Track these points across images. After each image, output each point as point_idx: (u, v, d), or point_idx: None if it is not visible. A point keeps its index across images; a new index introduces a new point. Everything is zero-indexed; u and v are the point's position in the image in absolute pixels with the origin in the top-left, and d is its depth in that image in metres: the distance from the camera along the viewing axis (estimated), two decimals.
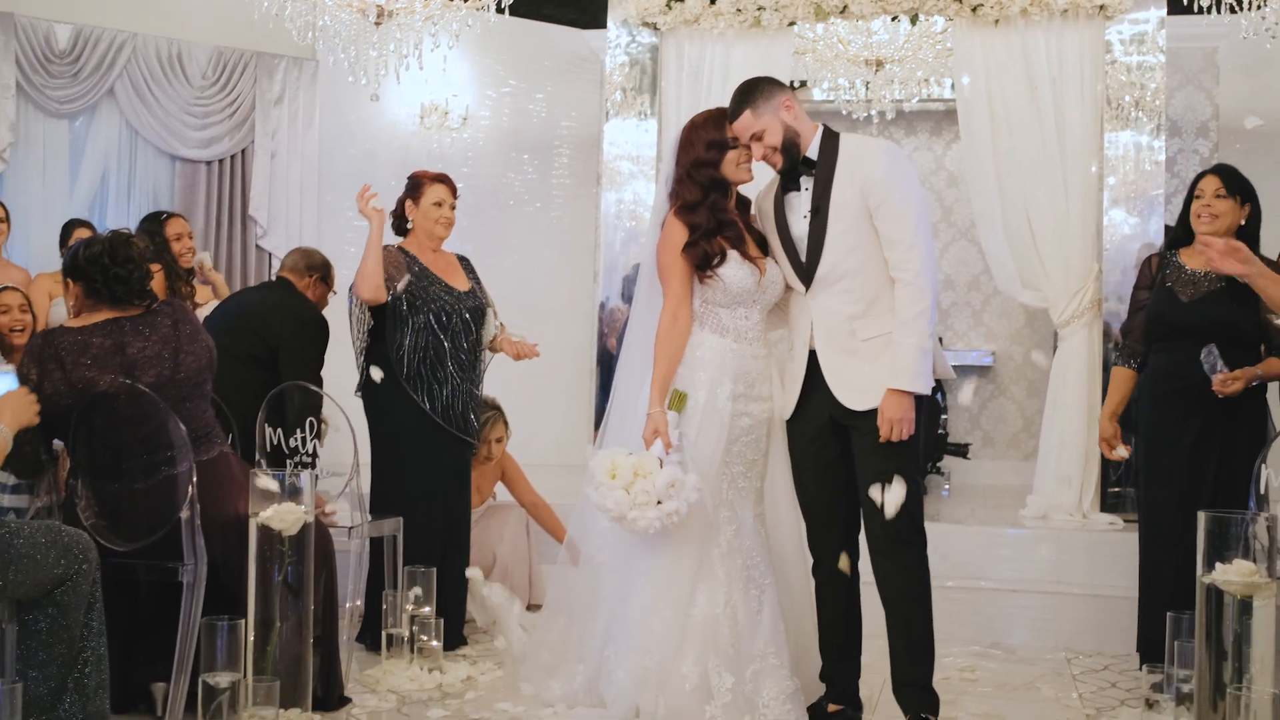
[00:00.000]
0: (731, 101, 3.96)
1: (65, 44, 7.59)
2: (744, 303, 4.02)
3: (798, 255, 3.94)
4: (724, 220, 3.98)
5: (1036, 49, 6.38)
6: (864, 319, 3.87)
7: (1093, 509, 6.22)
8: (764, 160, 3.91)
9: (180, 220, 6.32)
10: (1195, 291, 4.65)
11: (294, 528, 3.69)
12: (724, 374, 4.00)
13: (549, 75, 9.09)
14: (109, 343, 3.81)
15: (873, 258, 3.85)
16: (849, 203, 3.83)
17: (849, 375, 3.89)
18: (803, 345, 3.98)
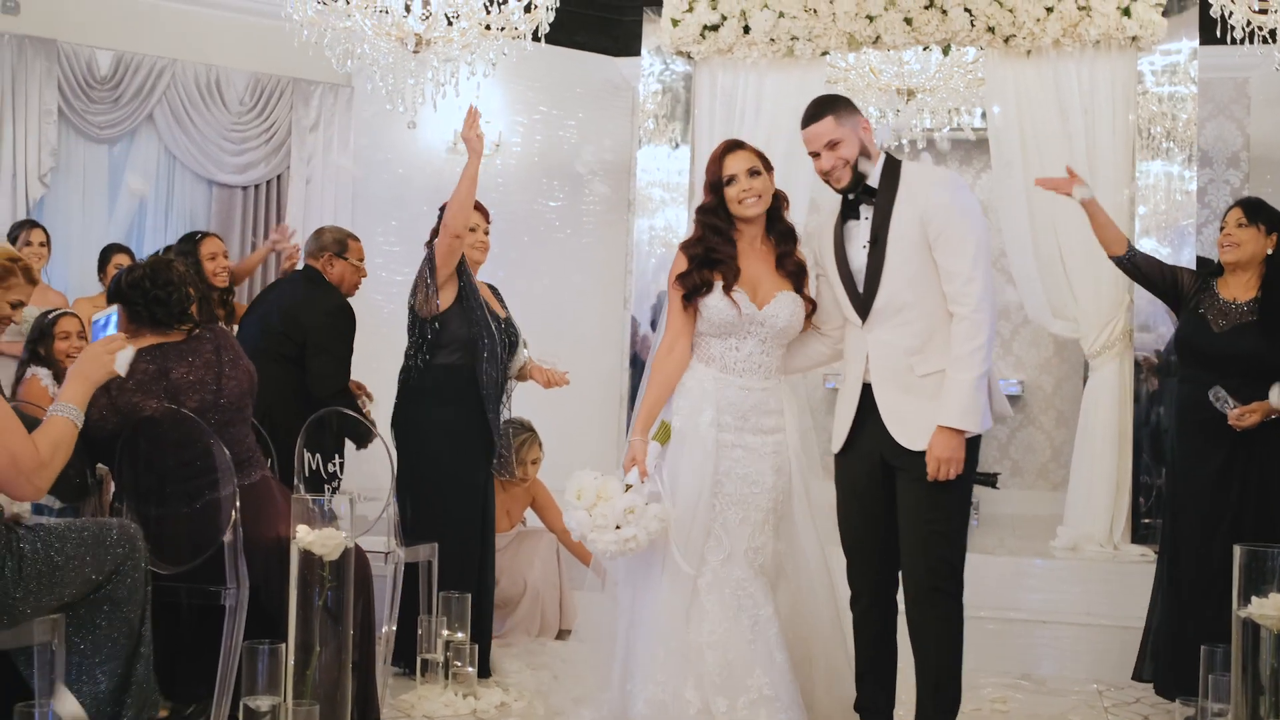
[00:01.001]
0: (811, 107, 3.94)
1: (106, 70, 7.69)
2: (732, 333, 3.99)
3: (855, 286, 3.90)
4: (718, 256, 3.98)
5: (1068, 79, 6.41)
6: (922, 354, 3.82)
7: (1124, 540, 6.22)
8: (829, 172, 3.87)
9: (215, 240, 6.35)
10: (1227, 322, 4.68)
11: (335, 553, 3.72)
12: (704, 402, 3.98)
13: (580, 102, 9.15)
14: (153, 368, 3.87)
15: (932, 290, 3.81)
16: (908, 233, 3.80)
17: (905, 412, 3.82)
18: (856, 379, 3.93)
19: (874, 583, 3.99)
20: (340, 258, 5.58)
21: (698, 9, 6.68)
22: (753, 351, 4.00)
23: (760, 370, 4.02)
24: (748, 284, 4.00)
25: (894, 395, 3.83)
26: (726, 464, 3.97)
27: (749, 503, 3.98)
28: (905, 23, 6.41)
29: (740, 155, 4.04)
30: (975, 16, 6.33)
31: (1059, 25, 6.27)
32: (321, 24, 5.98)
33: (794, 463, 4.05)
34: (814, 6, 6.51)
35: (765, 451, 4.00)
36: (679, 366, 4.05)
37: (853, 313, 3.93)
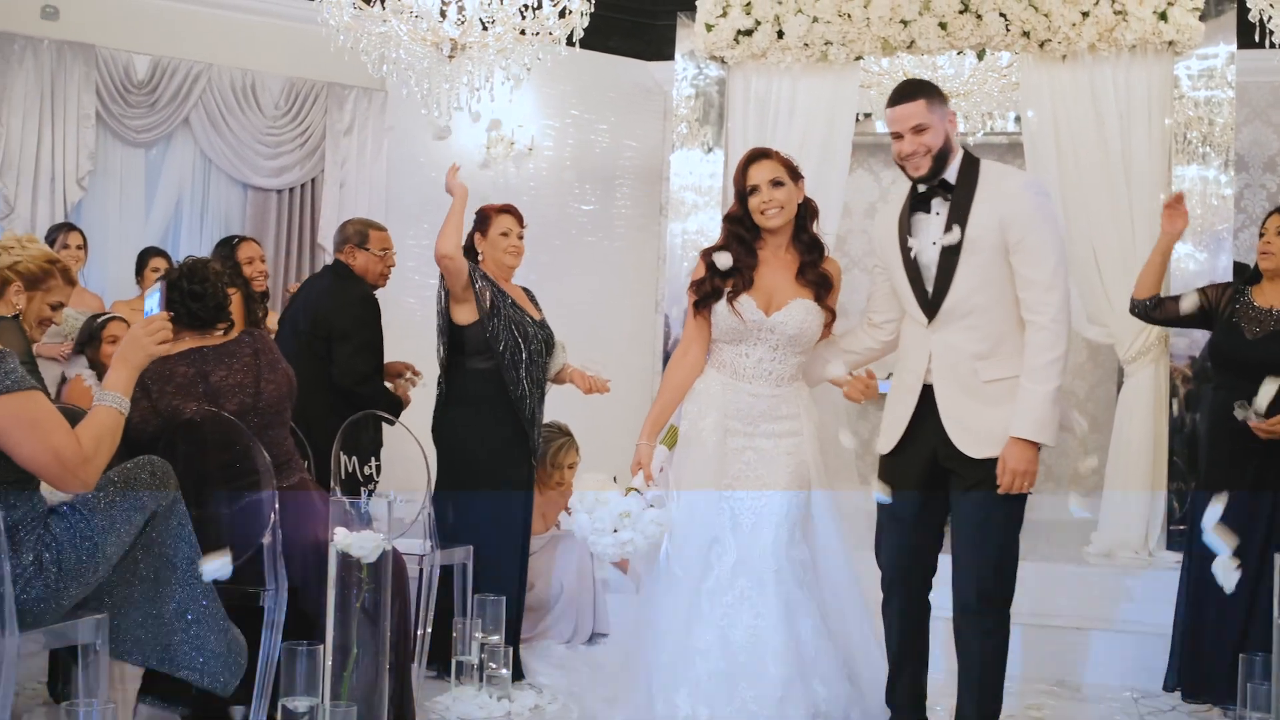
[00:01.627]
0: (904, 87, 3.82)
1: (144, 74, 7.76)
2: (742, 340, 3.98)
3: (922, 283, 3.79)
4: (736, 264, 3.98)
5: (1104, 84, 6.37)
6: (989, 360, 3.71)
7: (1159, 547, 6.19)
8: (908, 157, 3.73)
9: (252, 244, 6.39)
10: (1261, 329, 4.66)
11: (372, 555, 3.74)
12: (709, 406, 3.97)
13: (612, 106, 9.18)
14: (192, 371, 3.91)
15: (1005, 295, 3.70)
16: (986, 235, 3.67)
17: (968, 419, 3.71)
18: (916, 378, 3.82)
19: (912, 584, 3.94)
20: (362, 248, 5.58)
21: (731, 14, 6.68)
22: (763, 358, 3.98)
23: (771, 377, 3.99)
24: (762, 292, 3.98)
25: (956, 399, 3.72)
26: (737, 467, 3.95)
27: (761, 507, 3.93)
28: (940, 28, 6.39)
29: (764, 165, 4.02)
30: (1010, 21, 6.31)
31: (1094, 30, 6.24)
32: (357, 29, 6.02)
33: (814, 469, 4.00)
34: (848, 11, 6.50)
35: (779, 454, 3.97)
36: (690, 372, 4.07)
37: (917, 310, 3.81)
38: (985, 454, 3.67)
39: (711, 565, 3.91)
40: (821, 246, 4.09)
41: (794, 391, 4.03)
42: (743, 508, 3.93)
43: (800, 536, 3.98)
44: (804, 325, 3.97)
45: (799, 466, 3.97)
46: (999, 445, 3.64)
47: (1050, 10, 6.26)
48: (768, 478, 3.94)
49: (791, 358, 4.01)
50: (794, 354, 4.01)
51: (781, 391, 4.00)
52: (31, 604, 3.01)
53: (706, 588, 3.89)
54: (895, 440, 3.88)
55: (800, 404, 4.02)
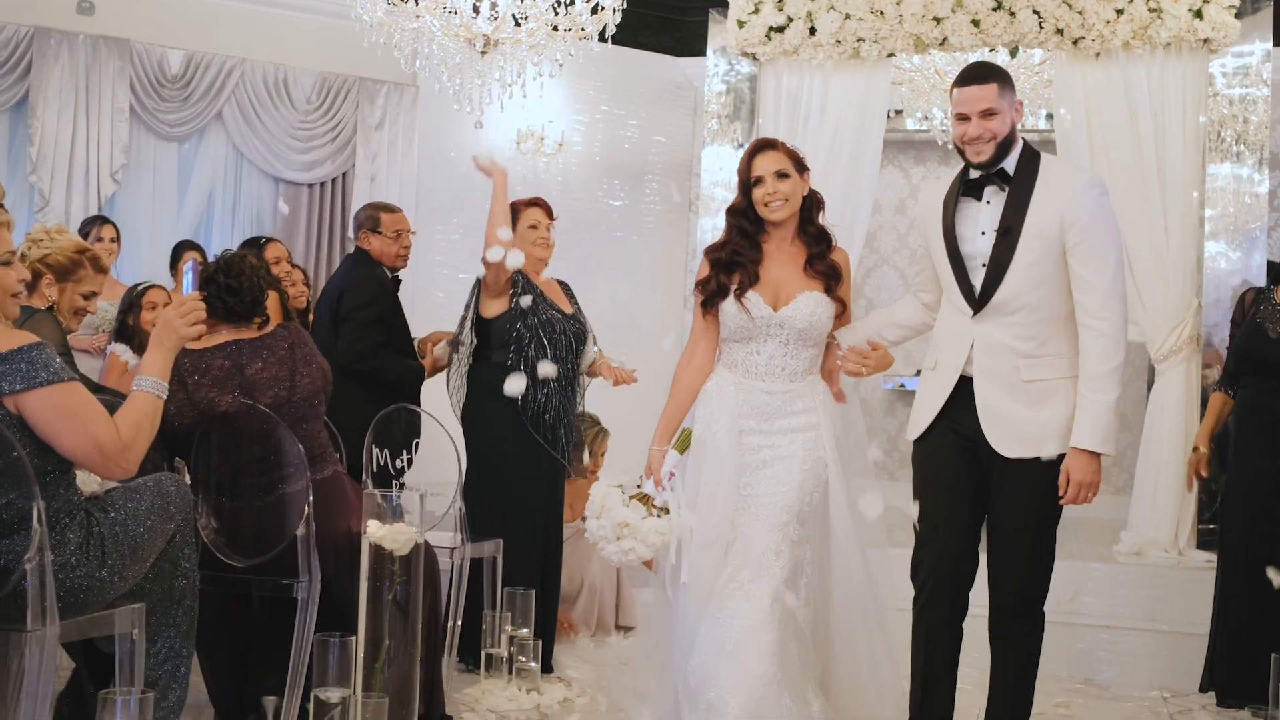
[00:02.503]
0: (976, 69, 3.73)
1: (177, 69, 7.82)
2: (752, 338, 3.87)
3: (966, 273, 3.69)
4: (740, 259, 3.88)
5: (1138, 81, 6.35)
6: (1032, 359, 3.60)
7: (1189, 546, 6.16)
8: (972, 140, 3.60)
9: (277, 245, 6.42)
10: None
11: (405, 548, 3.77)
12: (722, 408, 3.87)
13: (642, 102, 9.19)
14: (228, 364, 3.94)
15: (1056, 295, 3.59)
16: (1045, 232, 3.55)
17: (1006, 417, 3.62)
18: (954, 369, 3.70)
19: (954, 578, 3.77)
20: (375, 232, 5.60)
21: (764, 10, 6.68)
22: (774, 354, 3.87)
23: (784, 373, 3.88)
24: (769, 286, 3.87)
25: (995, 395, 3.62)
26: (754, 465, 3.84)
27: (774, 503, 3.81)
28: (973, 24, 6.38)
29: (769, 156, 3.90)
30: (1044, 19, 6.29)
31: (1129, 27, 6.21)
32: (390, 25, 6.05)
33: (831, 465, 3.86)
34: (880, 8, 6.49)
35: (794, 450, 3.84)
36: (699, 374, 3.99)
37: (961, 299, 3.70)
38: (1017, 454, 3.60)
39: (729, 562, 3.79)
40: (829, 237, 3.97)
41: (808, 385, 3.91)
42: (757, 502, 3.82)
43: (808, 535, 3.83)
44: (813, 318, 3.86)
45: (815, 463, 3.85)
46: (1032, 447, 3.58)
47: (1084, 8, 6.24)
48: (783, 474, 3.83)
49: (804, 351, 3.89)
50: (805, 347, 3.89)
51: (796, 387, 3.88)
52: (75, 592, 3.04)
53: (718, 585, 3.76)
54: (926, 425, 3.78)
55: (816, 397, 3.90)
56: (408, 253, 5.63)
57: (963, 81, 3.67)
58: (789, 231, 3.93)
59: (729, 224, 3.96)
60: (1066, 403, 3.57)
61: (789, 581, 3.74)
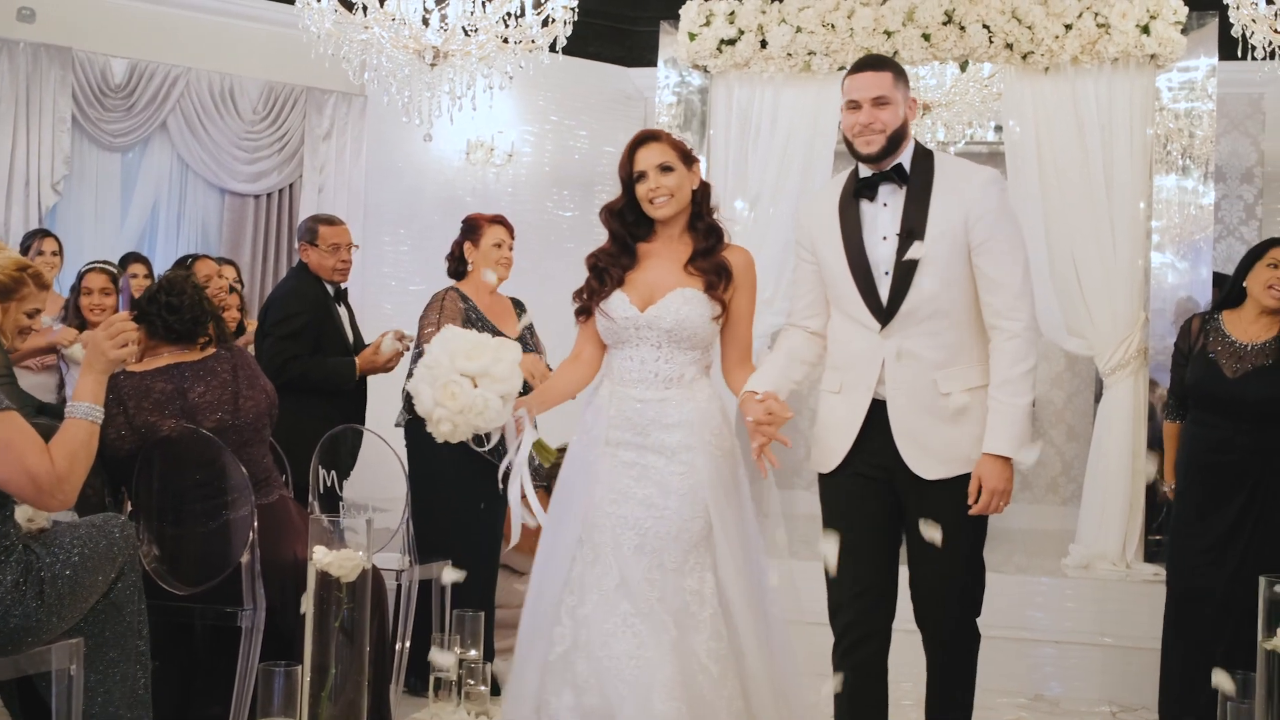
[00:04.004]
0: (871, 58, 3.57)
1: (121, 78, 7.70)
2: (625, 342, 3.58)
3: (873, 283, 3.43)
4: (604, 264, 3.63)
5: (1086, 96, 6.36)
6: (948, 370, 3.39)
7: (1136, 558, 6.18)
8: (862, 128, 3.39)
9: (207, 261, 6.34)
10: (1241, 366, 4.61)
11: (352, 574, 3.71)
12: (599, 418, 3.60)
13: (593, 112, 9.15)
14: (170, 387, 3.87)
15: (966, 298, 3.40)
16: (950, 231, 3.36)
17: (924, 437, 3.39)
18: (864, 391, 3.44)
19: (876, 616, 3.53)
20: (311, 245, 5.51)
21: (715, 23, 6.65)
22: (645, 359, 3.56)
23: (658, 379, 3.56)
24: (643, 287, 3.58)
25: (912, 416, 3.39)
26: (624, 483, 3.52)
27: (646, 529, 3.46)
28: (923, 39, 6.38)
29: (652, 149, 3.61)
30: (994, 33, 6.30)
31: (1078, 43, 6.23)
32: (338, 36, 5.97)
33: (709, 491, 3.50)
34: (831, 22, 6.48)
35: (670, 474, 3.50)
36: (583, 369, 3.72)
37: (866, 313, 3.44)
38: (938, 475, 3.38)
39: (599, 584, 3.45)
40: (720, 233, 3.65)
41: (686, 394, 3.57)
42: (626, 527, 3.47)
43: (694, 564, 3.47)
44: (681, 316, 3.53)
45: (693, 488, 3.49)
46: (957, 466, 3.37)
47: (1033, 23, 6.26)
48: (657, 498, 3.49)
49: (679, 355, 3.56)
50: (681, 351, 3.56)
51: (671, 394, 3.55)
52: (12, 632, 2.96)
53: (585, 613, 3.44)
54: (841, 459, 3.50)
55: (695, 408, 3.55)
56: (347, 267, 5.52)
57: (856, 68, 3.50)
58: (677, 228, 3.65)
59: (605, 224, 3.71)
60: (982, 415, 3.38)
61: (678, 613, 3.41)
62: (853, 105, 3.43)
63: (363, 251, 8.16)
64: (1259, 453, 4.56)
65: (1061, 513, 8.52)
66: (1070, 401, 9.10)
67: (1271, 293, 4.60)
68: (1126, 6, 6.19)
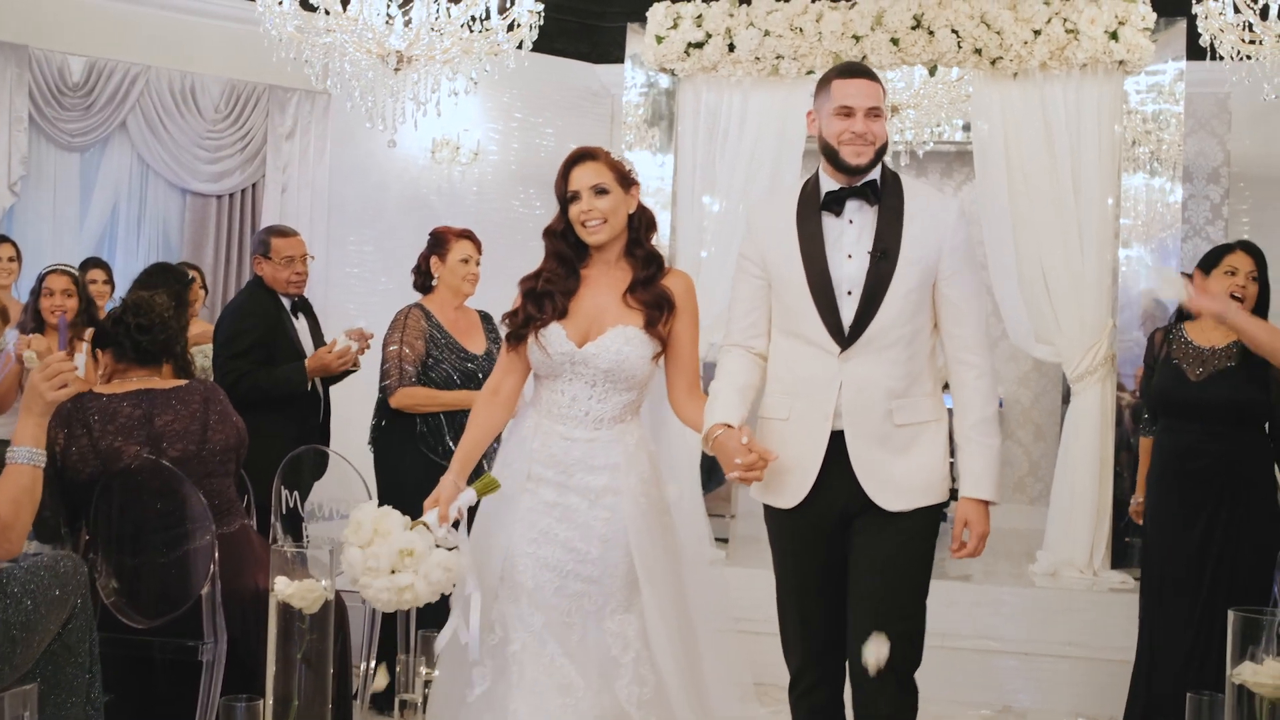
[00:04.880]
0: (860, 66, 3.36)
1: (79, 76, 7.57)
2: (557, 375, 3.39)
3: (834, 301, 3.24)
4: (551, 288, 3.40)
5: (1054, 100, 6.35)
6: (904, 399, 3.25)
7: (1104, 565, 6.21)
8: (855, 137, 3.19)
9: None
10: (1204, 370, 4.60)
11: (314, 606, 3.65)
12: (519, 452, 3.42)
13: (559, 109, 9.09)
14: (138, 412, 3.81)
15: (927, 327, 3.29)
16: (924, 257, 3.24)
17: (881, 468, 3.24)
18: (822, 418, 3.25)
19: (829, 662, 3.40)
20: (265, 258, 5.41)
21: (682, 26, 6.60)
22: (578, 396, 3.38)
23: (589, 419, 3.39)
24: (581, 319, 3.39)
25: (868, 446, 3.24)
26: (545, 523, 3.36)
27: (567, 571, 3.33)
28: (892, 43, 6.35)
29: (587, 168, 3.42)
30: (962, 38, 6.27)
31: (1046, 48, 6.22)
32: (301, 40, 5.88)
33: (633, 537, 3.35)
34: (799, 25, 6.44)
35: (592, 519, 3.35)
36: (499, 410, 3.52)
37: (824, 335, 3.25)
38: (898, 507, 3.23)
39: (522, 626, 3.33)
40: (659, 260, 3.45)
41: (616, 436, 3.40)
42: (547, 569, 3.33)
43: (615, 608, 3.35)
44: (621, 357, 3.36)
45: (616, 533, 3.35)
46: (915, 497, 3.25)
47: (1002, 28, 6.23)
48: (578, 541, 3.34)
49: (614, 395, 3.39)
50: (617, 391, 3.39)
51: (601, 435, 3.39)
52: None
53: (513, 651, 3.33)
54: (801, 497, 3.28)
55: (623, 451, 3.39)
56: (302, 279, 5.40)
57: (850, 73, 3.27)
58: (613, 254, 3.44)
59: (546, 248, 3.48)
60: (933, 447, 3.29)
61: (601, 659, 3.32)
62: (845, 112, 3.21)
63: (327, 251, 8.11)
64: (1227, 458, 4.55)
65: (1029, 512, 8.54)
66: (1037, 401, 9.12)
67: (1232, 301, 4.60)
68: (1095, 12, 6.18)
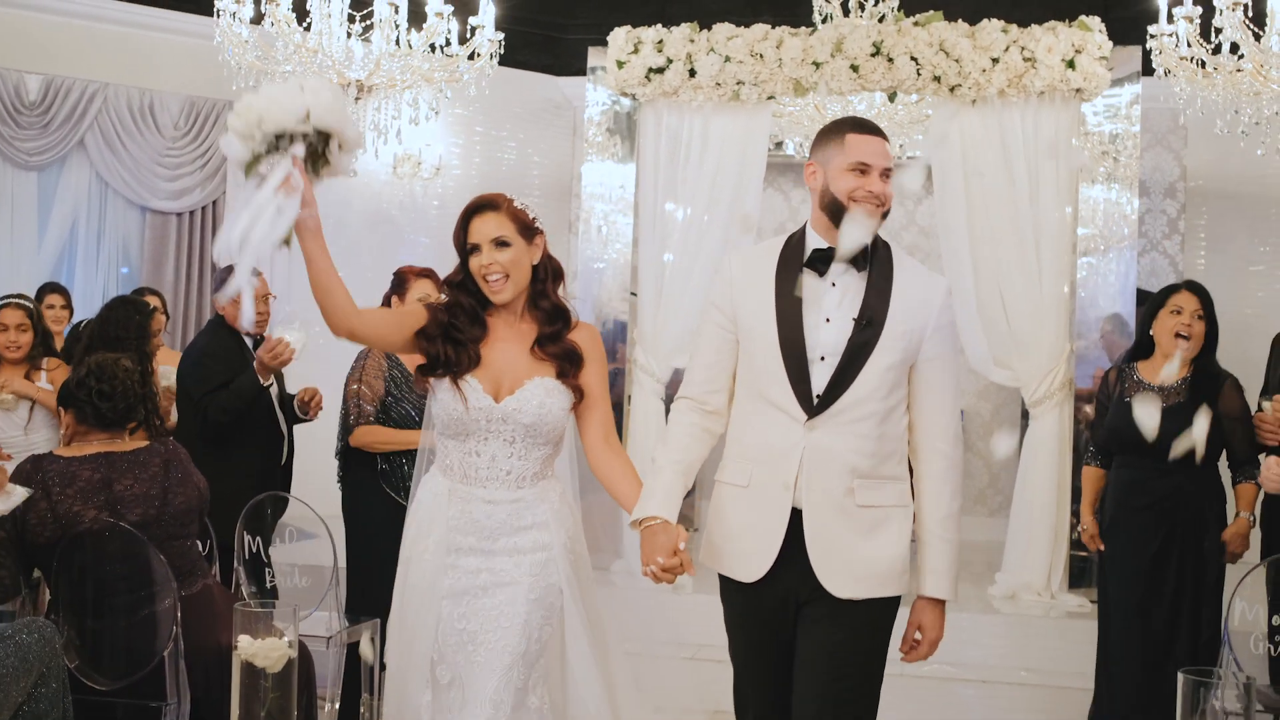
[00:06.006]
0: (872, 124, 3.15)
1: (35, 94, 7.52)
2: (469, 434, 3.18)
3: (805, 367, 3.04)
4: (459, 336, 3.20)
5: (1013, 125, 6.41)
6: (868, 481, 3.03)
7: (1061, 588, 6.30)
8: (865, 199, 3.03)
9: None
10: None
11: (278, 665, 3.66)
12: (433, 522, 3.20)
13: (521, 121, 9.08)
14: (97, 476, 3.80)
15: (901, 406, 3.09)
16: (911, 333, 3.05)
17: (838, 549, 3.01)
18: (781, 489, 3.03)
19: None
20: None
21: (644, 51, 6.61)
22: (497, 455, 3.18)
23: (510, 478, 3.19)
24: (491, 371, 3.20)
25: (826, 522, 3.01)
26: (470, 594, 3.16)
27: (495, 641, 3.14)
28: (852, 70, 6.38)
29: (488, 219, 3.20)
30: (921, 66, 6.32)
31: (1004, 76, 6.27)
32: (260, 69, 5.86)
33: (567, 592, 3.19)
34: (760, 52, 6.46)
35: (520, 575, 3.16)
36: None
37: (791, 401, 3.03)
38: (850, 594, 3.00)
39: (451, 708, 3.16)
40: (566, 314, 3.28)
41: (539, 494, 3.22)
42: (475, 644, 3.14)
43: (538, 679, 3.17)
44: (543, 411, 3.17)
45: (546, 590, 3.18)
46: (872, 585, 3.02)
47: (961, 56, 6.28)
48: (505, 605, 3.15)
49: (534, 451, 3.20)
50: (537, 446, 3.20)
51: (524, 494, 3.20)
52: None
53: None
54: (764, 572, 3.06)
55: (549, 508, 3.22)
56: (264, 320, 5.36)
57: (866, 129, 3.10)
58: (518, 306, 3.25)
59: (449, 298, 3.27)
60: (898, 536, 3.06)
61: None
62: (861, 169, 3.04)
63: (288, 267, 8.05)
64: (1178, 494, 4.64)
65: (989, 524, 8.64)
66: (997, 414, 9.21)
67: (1179, 340, 4.66)
68: (1052, 41, 6.24)
